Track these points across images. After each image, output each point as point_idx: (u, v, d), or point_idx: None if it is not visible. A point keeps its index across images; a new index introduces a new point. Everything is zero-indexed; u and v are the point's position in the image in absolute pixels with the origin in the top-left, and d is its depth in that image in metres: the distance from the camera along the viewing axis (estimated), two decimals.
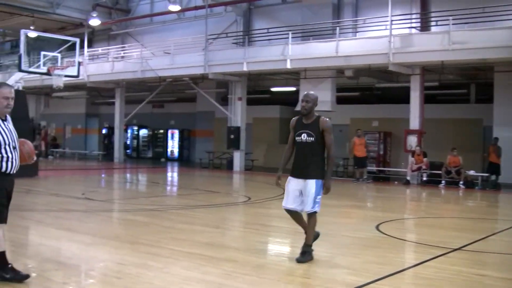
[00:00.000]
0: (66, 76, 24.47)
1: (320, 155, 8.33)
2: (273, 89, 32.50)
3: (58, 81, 24.23)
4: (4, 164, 6.63)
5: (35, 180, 21.38)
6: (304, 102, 8.29)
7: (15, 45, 46.99)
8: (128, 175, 28.43)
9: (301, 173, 8.28)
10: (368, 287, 6.84)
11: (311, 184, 8.15)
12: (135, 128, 43.40)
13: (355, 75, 25.93)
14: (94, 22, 35.47)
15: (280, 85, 31.91)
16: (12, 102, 6.70)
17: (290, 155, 8.64)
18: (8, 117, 6.89)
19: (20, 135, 6.42)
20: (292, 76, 29.48)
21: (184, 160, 39.92)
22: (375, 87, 29.22)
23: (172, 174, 30.26)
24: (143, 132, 43.31)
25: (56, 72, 23.97)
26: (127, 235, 10.24)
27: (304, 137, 8.27)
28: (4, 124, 6.71)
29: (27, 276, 6.67)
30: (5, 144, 6.61)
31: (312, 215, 8.30)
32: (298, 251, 9.37)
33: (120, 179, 26.03)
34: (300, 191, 8.26)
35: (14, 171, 6.80)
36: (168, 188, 22.67)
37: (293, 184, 8.35)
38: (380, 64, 23.81)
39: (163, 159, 39.28)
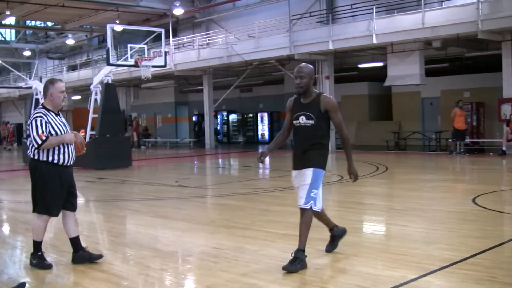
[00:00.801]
0: (153, 66, 24.81)
1: (321, 141, 6.93)
2: (360, 66, 32.14)
3: (146, 72, 24.61)
4: (61, 156, 6.94)
5: (129, 171, 21.88)
6: (298, 79, 6.95)
7: (102, 40, 48.15)
8: (220, 160, 28.71)
9: (299, 162, 6.96)
10: (467, 262, 6.70)
11: (307, 172, 6.80)
12: (225, 113, 43.77)
13: (443, 45, 25.30)
14: (178, 11, 35.78)
15: (367, 61, 31.49)
16: (66, 95, 7.07)
17: (283, 140, 7.50)
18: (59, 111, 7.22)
19: (112, 127, 6.55)
20: (378, 51, 29.05)
21: None
22: (465, 57, 28.46)
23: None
24: (233, 117, 43.65)
25: (144, 63, 24.34)
26: (222, 220, 10.35)
27: (302, 120, 6.89)
28: (58, 118, 7.02)
29: (50, 266, 6.99)
30: None
31: (305, 212, 6.79)
32: (393, 229, 9.30)
33: (212, 164, 26.31)
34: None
35: (71, 163, 7.12)
36: (261, 171, 22.77)
37: (294, 178, 7.07)
38: (469, 32, 23.11)
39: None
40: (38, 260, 6.98)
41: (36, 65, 39.23)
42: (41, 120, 6.79)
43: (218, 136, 43.14)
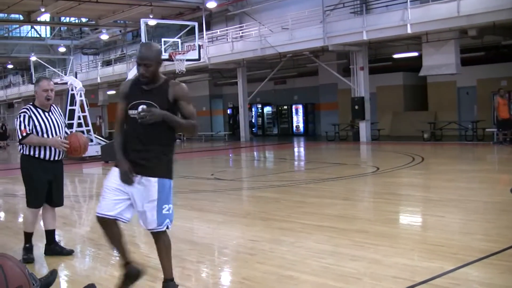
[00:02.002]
0: (187, 60, 24.94)
1: (167, 140, 5.39)
2: (395, 56, 31.94)
3: (180, 66, 24.73)
4: (42, 151, 7.09)
5: None
6: (143, 67, 5.26)
7: (136, 35, 48.45)
8: (255, 153, 28.74)
9: (135, 165, 5.29)
10: (505, 253, 6.61)
11: (154, 186, 5.30)
12: (259, 106, 43.80)
13: (479, 34, 25.01)
14: (211, 4, 35.85)
15: (402, 51, 31.31)
16: (52, 94, 7.17)
17: (125, 139, 5.44)
18: (54, 108, 7.39)
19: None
20: (413, 41, 28.85)
21: (310, 134, 39.98)
22: (501, 45, 28.12)
23: (299, 149, 30.35)
24: (267, 109, 43.65)
25: (178, 57, 24.47)
26: (258, 212, 10.36)
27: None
28: (45, 115, 7.15)
29: (32, 260, 7.17)
30: (42, 132, 7.05)
31: (161, 235, 5.53)
32: (430, 220, 9.23)
33: (248, 157, 26.34)
34: (128, 193, 5.35)
35: (56, 158, 7.23)
36: (296, 163, 22.75)
37: (117, 178, 5.33)
38: (506, 20, 22.76)
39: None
40: (24, 252, 7.21)
41: (71, 61, 39.67)
42: (24, 116, 7.01)
43: (253, 129, 43.18)
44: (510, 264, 6.17)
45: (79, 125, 27.29)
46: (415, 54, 29.68)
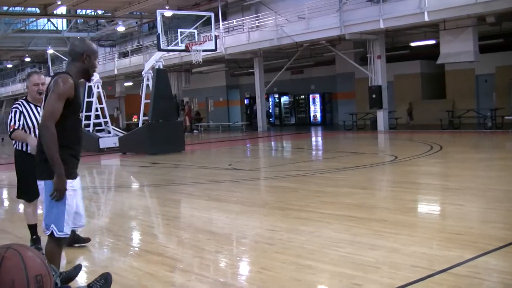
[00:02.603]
0: (204, 51, 24.87)
1: None
2: (412, 44, 31.74)
3: (197, 57, 24.70)
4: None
5: (182, 155, 22.02)
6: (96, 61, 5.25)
7: (152, 26, 48.49)
8: (272, 143, 28.69)
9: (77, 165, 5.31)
10: None
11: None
12: (276, 96, 43.72)
13: (497, 20, 24.79)
14: None
15: (419, 39, 31.10)
16: (43, 88, 7.06)
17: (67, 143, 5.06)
18: None
19: (164, 112, 6.48)
20: (430, 29, 28.63)
21: (327, 123, 39.90)
22: None
23: (316, 139, 30.29)
24: (285, 99, 43.56)
25: (194, 47, 24.40)
26: (276, 202, 10.35)
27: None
28: (37, 110, 7.11)
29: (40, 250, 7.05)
30: (34, 128, 7.00)
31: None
32: (449, 208, 9.17)
33: (265, 147, 26.31)
34: None
35: None
36: (314, 152, 22.71)
37: (79, 191, 5.27)
38: None
39: None
40: (31, 243, 7.23)
41: None
42: (15, 111, 7.03)
43: (270, 119, 43.15)
44: None
45: (97, 117, 27.44)
46: (433, 42, 29.47)
